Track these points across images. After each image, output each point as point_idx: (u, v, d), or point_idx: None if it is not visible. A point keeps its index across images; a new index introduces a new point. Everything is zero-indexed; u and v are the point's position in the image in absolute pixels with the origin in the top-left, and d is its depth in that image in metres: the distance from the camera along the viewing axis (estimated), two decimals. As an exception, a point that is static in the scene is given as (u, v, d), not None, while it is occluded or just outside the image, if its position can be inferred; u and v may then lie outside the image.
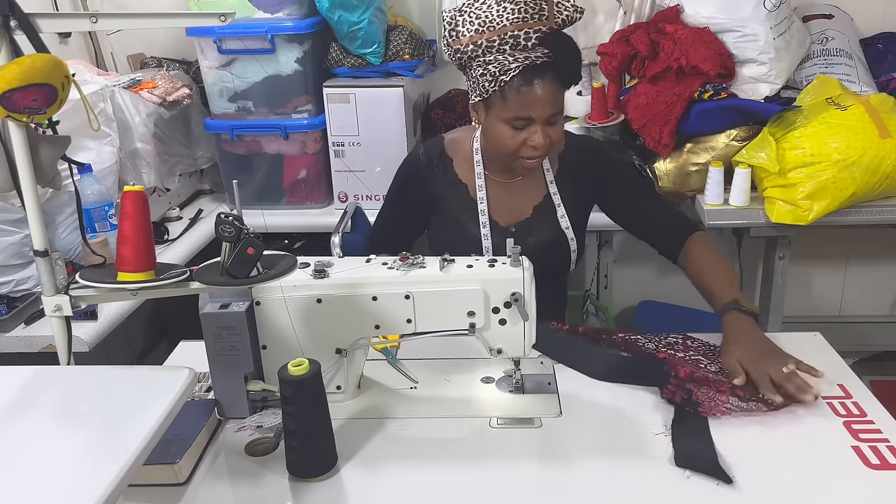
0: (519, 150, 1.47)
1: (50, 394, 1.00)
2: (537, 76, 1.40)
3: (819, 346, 1.47)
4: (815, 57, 2.32)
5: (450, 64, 2.62)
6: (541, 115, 1.43)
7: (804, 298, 2.89)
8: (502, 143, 1.47)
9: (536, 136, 1.44)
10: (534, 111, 1.42)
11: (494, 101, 1.44)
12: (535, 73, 1.40)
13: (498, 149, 1.50)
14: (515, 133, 1.45)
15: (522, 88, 1.40)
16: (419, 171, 1.64)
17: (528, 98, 1.41)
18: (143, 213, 1.15)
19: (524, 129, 1.44)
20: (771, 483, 1.09)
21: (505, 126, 1.45)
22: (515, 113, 1.43)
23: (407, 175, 1.67)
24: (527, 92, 1.41)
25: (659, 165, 2.25)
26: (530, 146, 1.45)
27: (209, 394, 1.32)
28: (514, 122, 1.44)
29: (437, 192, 1.63)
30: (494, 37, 1.40)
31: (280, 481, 1.14)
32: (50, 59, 1.04)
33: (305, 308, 1.24)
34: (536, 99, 1.41)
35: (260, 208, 2.37)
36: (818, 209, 2.01)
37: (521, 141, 1.46)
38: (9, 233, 1.69)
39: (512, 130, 1.45)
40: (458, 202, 1.61)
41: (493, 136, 1.49)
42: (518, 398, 1.33)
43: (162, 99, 2.25)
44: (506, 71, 1.39)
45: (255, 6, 2.23)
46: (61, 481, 0.80)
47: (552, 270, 1.67)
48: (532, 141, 1.45)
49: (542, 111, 1.42)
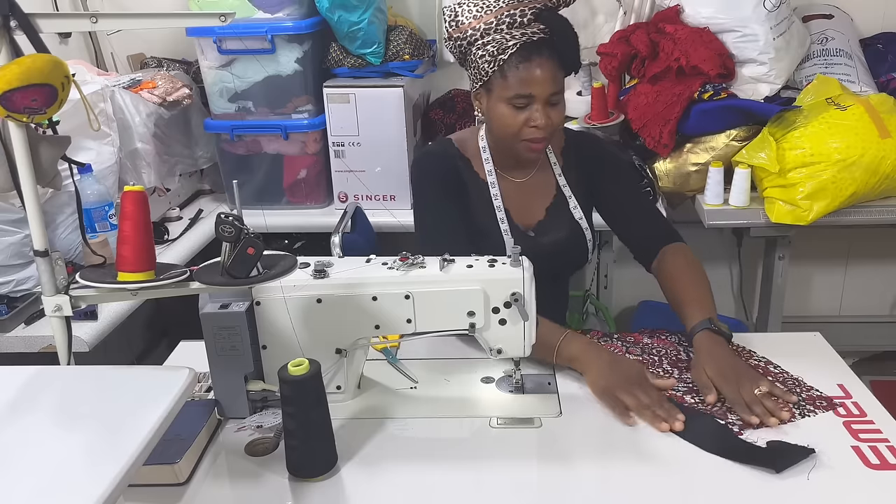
0: (521, 130, 1.46)
1: (50, 394, 1.00)
2: (535, 53, 1.42)
3: (819, 346, 1.47)
4: (815, 57, 2.32)
5: (450, 64, 2.65)
6: (541, 93, 1.43)
7: (804, 298, 2.89)
8: (505, 125, 1.47)
9: (538, 114, 1.44)
10: (533, 88, 1.42)
11: (495, 82, 1.45)
12: (532, 50, 1.42)
13: (501, 132, 1.49)
14: (517, 113, 1.45)
15: (521, 65, 1.42)
16: (454, 166, 1.59)
17: (527, 75, 1.42)
18: (143, 213, 1.15)
19: (525, 109, 1.44)
20: (771, 483, 1.09)
21: (506, 107, 1.45)
22: (515, 91, 1.43)
23: (444, 169, 1.58)
24: (525, 69, 1.42)
25: (659, 165, 2.25)
26: (532, 126, 1.45)
27: (209, 394, 1.32)
28: (514, 100, 1.44)
29: (467, 188, 1.59)
30: (492, 18, 1.42)
31: (280, 481, 1.14)
32: (50, 59, 1.04)
33: (305, 308, 1.24)
34: (535, 76, 1.42)
35: (260, 208, 2.37)
36: (818, 209, 2.01)
37: (522, 121, 1.45)
38: (9, 233, 1.69)
39: (513, 110, 1.45)
40: (479, 203, 1.58)
41: (496, 119, 1.48)
42: (518, 398, 1.33)
43: (162, 99, 2.25)
44: (504, 49, 1.41)
45: (255, 6, 2.23)
46: (61, 481, 0.80)
47: (571, 266, 1.68)
48: (533, 120, 1.44)
49: (542, 89, 1.43)
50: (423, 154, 1.67)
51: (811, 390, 1.31)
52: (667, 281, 1.52)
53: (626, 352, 1.46)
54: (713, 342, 1.35)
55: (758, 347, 1.46)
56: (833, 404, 1.27)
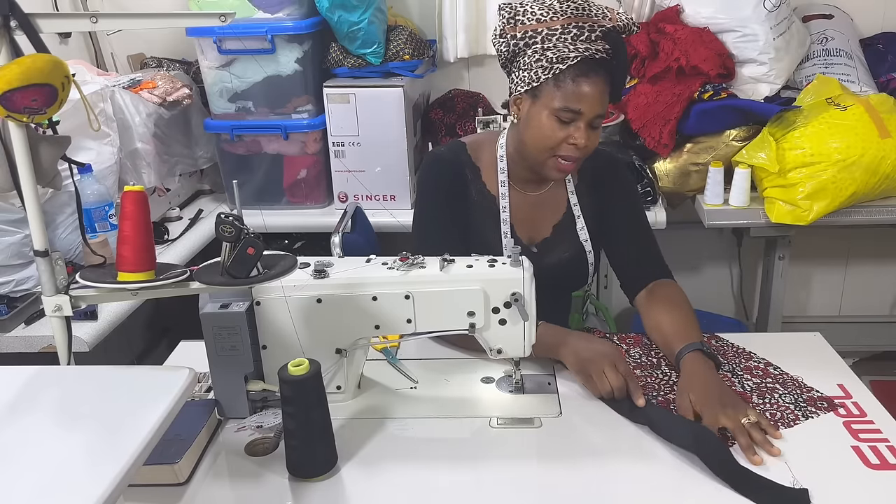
0: (559, 146, 1.41)
1: (50, 394, 1.00)
2: (593, 71, 1.37)
3: (819, 346, 1.47)
4: (815, 57, 2.32)
5: (450, 64, 2.65)
6: (589, 112, 1.38)
7: (804, 298, 2.89)
8: (543, 136, 1.41)
9: (579, 133, 1.39)
10: (584, 104, 1.37)
11: (545, 89, 1.39)
12: (591, 68, 1.37)
13: (537, 142, 1.43)
14: (560, 127, 1.40)
15: (578, 79, 1.36)
16: (462, 174, 1.56)
17: (581, 90, 1.37)
18: (143, 213, 1.15)
19: (569, 125, 1.39)
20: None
21: (551, 118, 1.40)
22: (565, 103, 1.37)
23: (450, 175, 1.56)
24: (581, 83, 1.36)
25: (659, 165, 2.25)
26: (571, 143, 1.40)
27: (209, 394, 1.32)
28: (561, 112, 1.38)
29: (471, 199, 1.56)
30: (556, 26, 1.37)
31: (280, 481, 1.14)
32: (50, 59, 1.04)
33: (305, 308, 1.24)
34: (588, 93, 1.37)
35: (260, 208, 2.37)
36: (818, 209, 2.01)
37: (562, 137, 1.40)
38: (9, 233, 1.69)
39: (557, 123, 1.40)
40: (483, 214, 1.55)
41: (535, 128, 1.42)
42: (518, 398, 1.33)
43: (162, 99, 2.25)
44: (564, 59, 1.36)
45: (255, 6, 2.23)
46: (61, 481, 0.80)
47: (570, 286, 1.65)
48: (574, 138, 1.39)
49: (591, 108, 1.38)
50: (433, 156, 1.61)
51: (811, 391, 1.31)
52: (654, 311, 1.47)
53: (626, 353, 1.46)
54: (702, 365, 1.30)
55: (758, 347, 1.46)
56: (833, 405, 1.27)
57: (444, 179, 1.55)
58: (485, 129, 2.28)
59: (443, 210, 1.54)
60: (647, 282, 1.53)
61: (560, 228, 1.57)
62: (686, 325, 1.41)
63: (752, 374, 1.37)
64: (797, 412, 1.25)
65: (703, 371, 1.29)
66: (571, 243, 1.57)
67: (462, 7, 2.50)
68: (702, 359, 1.31)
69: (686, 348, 1.34)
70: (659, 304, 1.48)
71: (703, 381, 1.27)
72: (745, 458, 1.13)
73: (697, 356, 1.32)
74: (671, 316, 1.43)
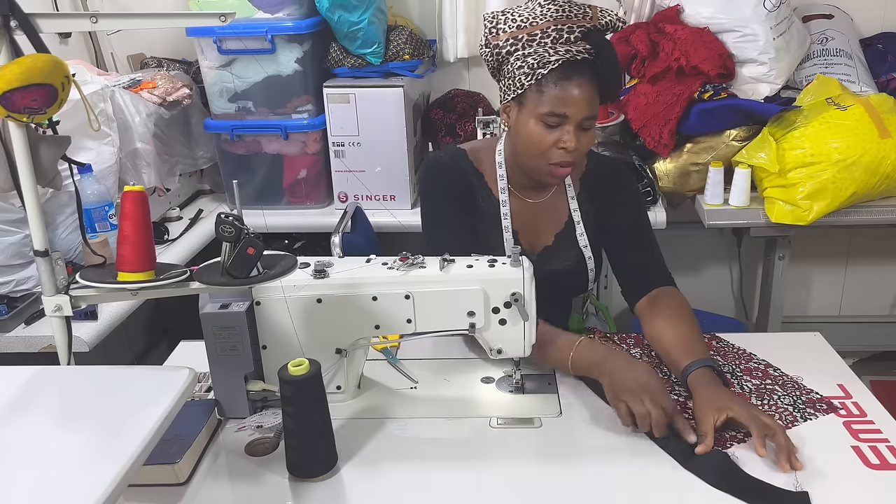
0: (549, 151, 1.40)
1: (50, 394, 1.00)
2: (576, 73, 1.35)
3: (819, 346, 1.47)
4: (815, 57, 2.32)
5: (450, 64, 2.65)
6: (576, 115, 1.36)
7: (804, 298, 2.89)
8: (533, 142, 1.40)
9: (568, 136, 1.37)
10: (569, 108, 1.36)
11: (529, 95, 1.38)
12: (574, 70, 1.35)
13: (528, 149, 1.42)
14: (547, 132, 1.38)
15: (561, 82, 1.35)
16: (467, 181, 1.54)
17: (565, 93, 1.35)
18: (143, 213, 1.15)
19: (557, 129, 1.38)
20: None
21: (538, 124, 1.38)
22: (550, 108, 1.36)
23: (453, 181, 1.54)
24: (564, 86, 1.35)
25: (659, 165, 2.25)
26: (561, 148, 1.39)
27: (209, 394, 1.32)
28: (547, 118, 1.37)
29: (479, 206, 1.54)
30: (536, 31, 1.36)
31: (280, 481, 1.14)
32: (50, 59, 1.04)
33: (305, 308, 1.24)
34: (573, 96, 1.35)
35: (260, 208, 2.37)
36: (818, 209, 2.01)
37: (552, 141, 1.39)
38: (9, 233, 1.69)
39: (544, 129, 1.38)
40: (491, 221, 1.53)
41: (524, 136, 1.41)
42: (518, 398, 1.33)
43: (162, 99, 2.25)
44: (545, 63, 1.34)
45: (255, 6, 2.23)
46: (61, 481, 0.80)
47: (570, 294, 1.64)
48: (563, 142, 1.37)
49: (578, 110, 1.36)
50: (432, 163, 1.58)
51: (811, 393, 1.31)
52: (656, 320, 1.43)
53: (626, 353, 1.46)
54: (713, 382, 1.25)
55: (758, 347, 1.46)
56: (833, 407, 1.27)
57: (449, 183, 1.54)
58: (485, 129, 2.28)
59: (454, 212, 1.52)
60: (648, 289, 1.50)
61: (562, 236, 1.56)
62: (691, 338, 1.36)
63: (751, 376, 1.37)
64: (796, 414, 1.25)
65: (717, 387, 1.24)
66: (573, 252, 1.55)
67: (462, 7, 2.50)
68: (712, 375, 1.27)
69: (693, 364, 1.28)
70: (661, 313, 1.44)
71: (728, 397, 1.21)
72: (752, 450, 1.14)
73: (707, 373, 1.27)
74: (674, 328, 1.39)
